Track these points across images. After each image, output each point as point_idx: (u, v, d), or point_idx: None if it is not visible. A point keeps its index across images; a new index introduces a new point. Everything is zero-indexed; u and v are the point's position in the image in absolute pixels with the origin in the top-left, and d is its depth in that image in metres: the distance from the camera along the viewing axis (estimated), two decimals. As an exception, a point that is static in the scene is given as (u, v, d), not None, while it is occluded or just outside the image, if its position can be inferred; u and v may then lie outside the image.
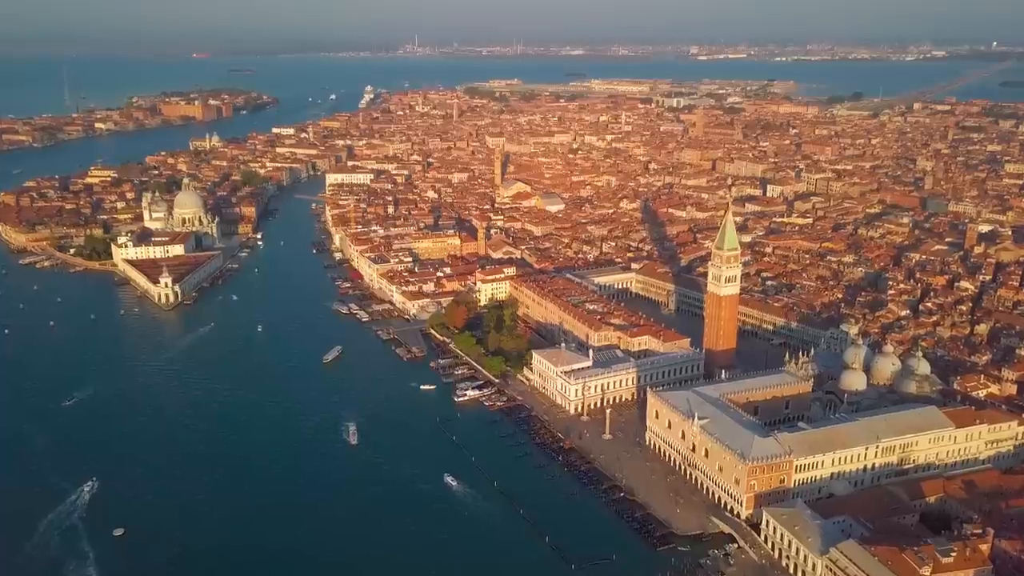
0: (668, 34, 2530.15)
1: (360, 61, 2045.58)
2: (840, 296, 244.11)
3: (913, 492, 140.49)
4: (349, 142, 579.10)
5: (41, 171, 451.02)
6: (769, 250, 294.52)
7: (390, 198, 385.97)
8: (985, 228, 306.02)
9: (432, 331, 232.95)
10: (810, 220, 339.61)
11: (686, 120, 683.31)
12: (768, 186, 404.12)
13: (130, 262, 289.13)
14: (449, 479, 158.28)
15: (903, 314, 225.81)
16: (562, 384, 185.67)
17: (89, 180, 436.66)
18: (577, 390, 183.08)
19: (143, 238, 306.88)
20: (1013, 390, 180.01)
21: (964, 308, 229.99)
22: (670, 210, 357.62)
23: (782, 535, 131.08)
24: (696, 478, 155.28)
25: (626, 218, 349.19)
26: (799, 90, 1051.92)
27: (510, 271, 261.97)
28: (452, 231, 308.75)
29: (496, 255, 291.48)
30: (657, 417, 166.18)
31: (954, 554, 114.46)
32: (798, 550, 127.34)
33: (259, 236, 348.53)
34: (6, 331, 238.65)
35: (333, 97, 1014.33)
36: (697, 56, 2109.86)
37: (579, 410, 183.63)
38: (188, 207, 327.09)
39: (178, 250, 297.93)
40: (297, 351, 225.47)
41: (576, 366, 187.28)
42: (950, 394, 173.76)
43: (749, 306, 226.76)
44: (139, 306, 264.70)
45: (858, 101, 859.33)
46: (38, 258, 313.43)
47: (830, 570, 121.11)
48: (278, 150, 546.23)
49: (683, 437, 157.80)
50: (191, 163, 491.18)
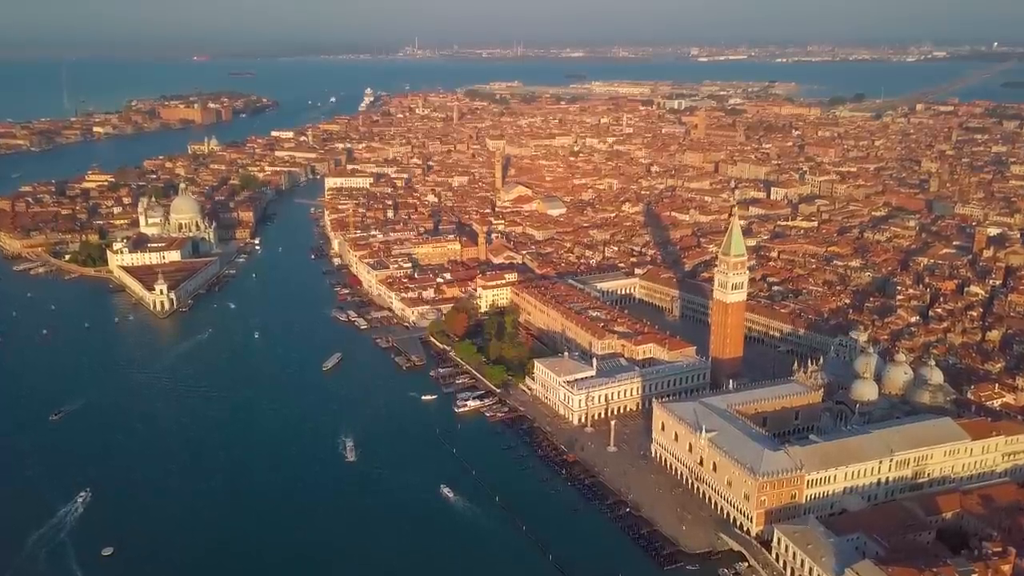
0: (668, 35, 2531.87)
1: (360, 63, 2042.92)
2: (848, 302, 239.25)
3: (929, 507, 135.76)
4: (348, 145, 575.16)
5: (40, 175, 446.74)
6: (774, 255, 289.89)
7: (390, 202, 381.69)
8: (993, 231, 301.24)
9: (432, 339, 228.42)
10: (815, 223, 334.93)
11: (688, 122, 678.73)
12: (772, 189, 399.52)
13: (125, 268, 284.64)
14: (449, 493, 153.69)
15: (913, 320, 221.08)
16: (565, 394, 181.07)
17: (86, 184, 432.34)
18: (581, 400, 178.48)
19: (139, 244, 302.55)
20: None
21: (975, 314, 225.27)
22: (673, 213, 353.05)
23: (794, 554, 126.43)
24: (704, 492, 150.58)
25: (628, 222, 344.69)
26: (801, 91, 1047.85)
27: (511, 277, 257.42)
28: (452, 236, 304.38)
29: (497, 260, 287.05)
30: (663, 429, 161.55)
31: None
32: (811, 570, 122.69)
33: (257, 241, 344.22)
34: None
35: (333, 100, 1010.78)
36: (697, 57, 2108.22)
37: (583, 421, 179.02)
38: (185, 212, 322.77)
39: (174, 256, 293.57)
40: (294, 359, 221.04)
41: (579, 375, 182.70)
42: (964, 404, 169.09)
43: (755, 312, 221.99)
44: (134, 313, 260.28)
45: (860, 102, 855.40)
46: (33, 264, 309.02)
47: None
48: (277, 154, 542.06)
49: (690, 450, 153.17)
50: (189, 167, 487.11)
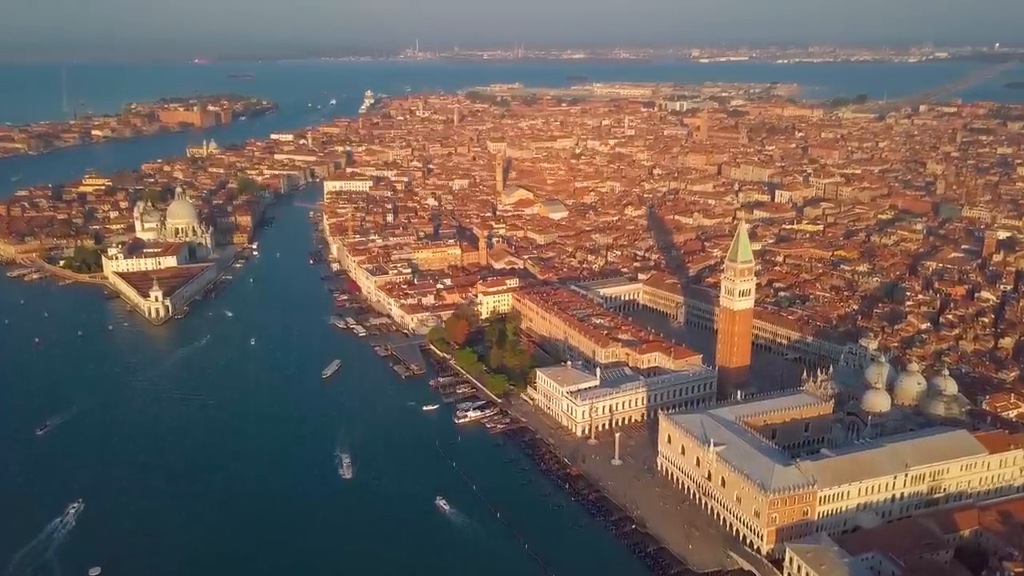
0: (669, 37, 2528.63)
1: (361, 65, 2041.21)
2: (856, 308, 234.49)
3: (946, 524, 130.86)
4: (348, 148, 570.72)
5: (38, 179, 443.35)
6: (780, 259, 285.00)
7: (389, 206, 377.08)
8: (1003, 235, 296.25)
9: (432, 347, 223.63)
10: (821, 227, 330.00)
11: (690, 124, 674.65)
12: (776, 192, 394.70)
13: (120, 274, 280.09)
14: (448, 509, 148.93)
15: (923, 327, 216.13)
16: (568, 405, 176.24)
17: (83, 188, 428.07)
18: (584, 412, 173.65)
19: (134, 249, 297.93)
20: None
21: (986, 320, 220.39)
22: (676, 217, 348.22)
23: (807, 574, 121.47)
24: (712, 508, 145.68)
25: (631, 225, 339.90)
26: (803, 92, 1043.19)
27: (512, 282, 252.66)
28: (452, 240, 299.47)
29: (498, 265, 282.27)
30: (670, 442, 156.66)
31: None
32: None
33: (255, 246, 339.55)
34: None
35: (333, 102, 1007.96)
36: (698, 59, 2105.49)
37: (586, 432, 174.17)
38: (181, 217, 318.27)
39: (170, 262, 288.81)
40: (292, 368, 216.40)
41: (583, 386, 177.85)
42: (979, 415, 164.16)
43: (762, 319, 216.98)
44: (129, 321, 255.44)
45: (863, 103, 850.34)
46: (26, 270, 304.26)
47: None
48: (276, 157, 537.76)
49: (698, 464, 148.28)
50: (187, 170, 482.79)
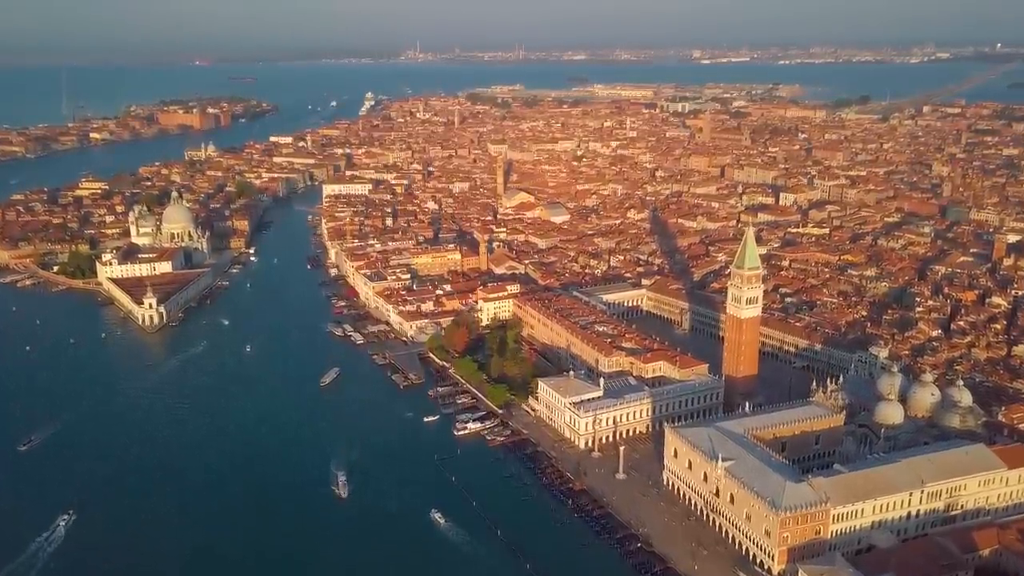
0: (670, 38, 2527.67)
1: (362, 67, 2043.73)
2: (865, 314, 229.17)
3: (964, 543, 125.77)
4: (348, 150, 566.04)
5: (36, 182, 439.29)
6: (786, 263, 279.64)
7: (389, 209, 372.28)
8: (1013, 238, 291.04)
9: (431, 355, 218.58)
10: (826, 230, 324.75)
11: (692, 125, 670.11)
12: (780, 194, 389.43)
13: (114, 280, 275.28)
14: (447, 526, 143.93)
15: (934, 334, 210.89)
16: (571, 416, 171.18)
17: (79, 192, 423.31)
18: (587, 423, 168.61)
19: (129, 255, 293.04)
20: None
21: (999, 327, 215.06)
22: (680, 220, 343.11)
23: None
24: (720, 525, 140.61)
25: (634, 229, 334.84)
26: (805, 93, 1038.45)
27: (513, 288, 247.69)
28: (452, 245, 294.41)
29: (499, 270, 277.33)
30: (676, 456, 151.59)
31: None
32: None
33: (252, 251, 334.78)
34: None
35: (334, 104, 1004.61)
36: (700, 60, 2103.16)
37: (589, 445, 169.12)
38: (177, 222, 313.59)
39: (165, 267, 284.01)
40: (287, 377, 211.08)
41: (586, 396, 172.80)
42: (995, 427, 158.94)
43: (769, 326, 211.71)
44: (122, 328, 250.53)
45: (866, 104, 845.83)
46: (20, 276, 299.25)
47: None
48: (275, 159, 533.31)
49: (705, 479, 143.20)
50: (185, 174, 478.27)
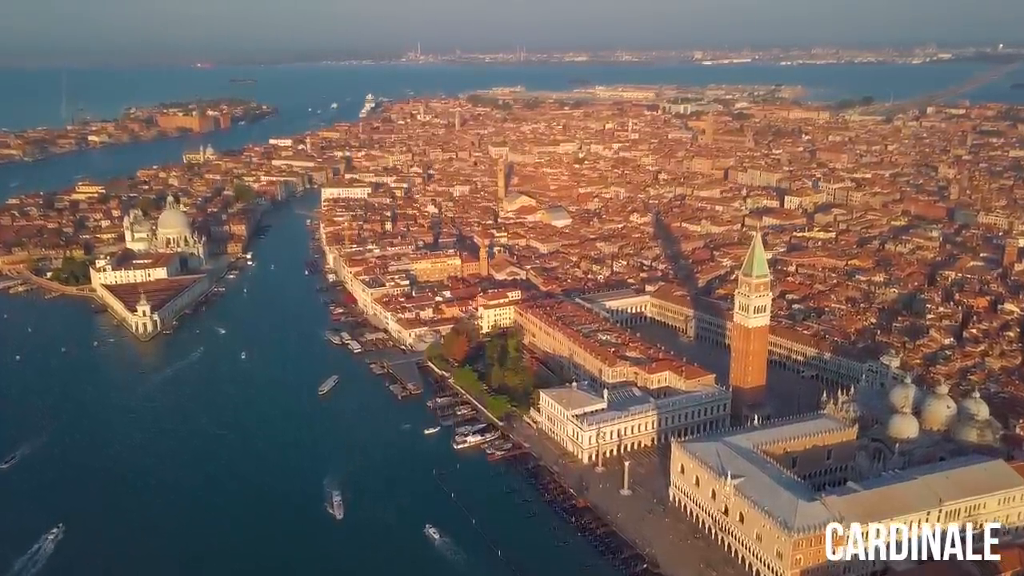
0: (671, 39, 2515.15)
1: (363, 69, 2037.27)
2: (874, 321, 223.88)
3: (987, 567, 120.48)
4: (348, 153, 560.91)
5: (34, 186, 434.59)
6: (792, 269, 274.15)
7: (388, 213, 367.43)
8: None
9: (430, 364, 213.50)
10: (833, 234, 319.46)
11: (694, 127, 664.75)
12: (785, 197, 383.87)
13: (108, 287, 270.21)
14: (445, 544, 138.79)
15: (946, 342, 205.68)
16: (574, 430, 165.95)
17: (75, 196, 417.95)
18: (591, 437, 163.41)
19: (123, 261, 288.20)
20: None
21: (1012, 335, 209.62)
22: (684, 224, 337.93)
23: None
24: (730, 545, 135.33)
25: (637, 233, 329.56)
26: (808, 95, 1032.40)
27: (514, 295, 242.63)
28: (452, 250, 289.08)
29: (499, 276, 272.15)
30: (683, 472, 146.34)
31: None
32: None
33: (249, 256, 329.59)
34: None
35: (335, 106, 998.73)
36: (701, 61, 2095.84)
37: (593, 459, 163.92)
38: (172, 227, 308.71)
39: (160, 273, 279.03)
40: (283, 387, 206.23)
41: (589, 408, 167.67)
42: (1013, 441, 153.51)
43: (776, 334, 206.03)
44: (115, 336, 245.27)
45: (869, 105, 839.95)
46: (12, 283, 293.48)
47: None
48: (274, 162, 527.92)
49: (714, 497, 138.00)
50: (183, 177, 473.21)
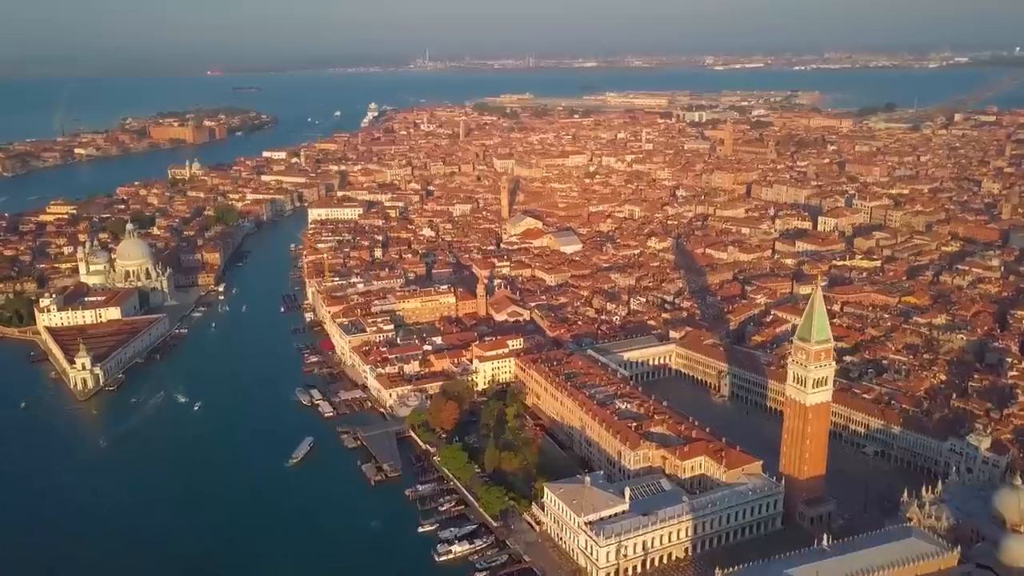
0: (682, 44, 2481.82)
1: (370, 76, 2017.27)
2: (944, 379, 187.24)
3: None
4: (343, 168, 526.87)
5: (6, 205, 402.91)
6: (837, 307, 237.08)
7: (380, 237, 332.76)
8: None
9: (412, 434, 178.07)
10: (878, 262, 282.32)
11: (712, 136, 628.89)
12: (819, 218, 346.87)
13: (51, 330, 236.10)
14: None
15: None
16: (587, 542, 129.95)
17: (44, 218, 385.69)
18: (609, 553, 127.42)
19: (73, 299, 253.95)
20: None
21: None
22: (708, 251, 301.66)
23: None
24: None
25: (656, 262, 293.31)
26: (826, 101, 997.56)
27: (516, 343, 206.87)
28: (446, 286, 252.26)
29: (499, 317, 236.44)
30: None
31: None
32: None
33: (221, 288, 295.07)
34: None
35: (338, 114, 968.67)
36: (713, 66, 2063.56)
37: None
38: (132, 258, 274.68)
39: (113, 313, 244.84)
40: (234, 463, 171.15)
41: (606, 513, 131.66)
42: None
43: (832, 399, 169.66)
44: (51, 393, 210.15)
45: (893, 112, 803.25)
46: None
47: None
48: (263, 178, 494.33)
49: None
50: (163, 195, 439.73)
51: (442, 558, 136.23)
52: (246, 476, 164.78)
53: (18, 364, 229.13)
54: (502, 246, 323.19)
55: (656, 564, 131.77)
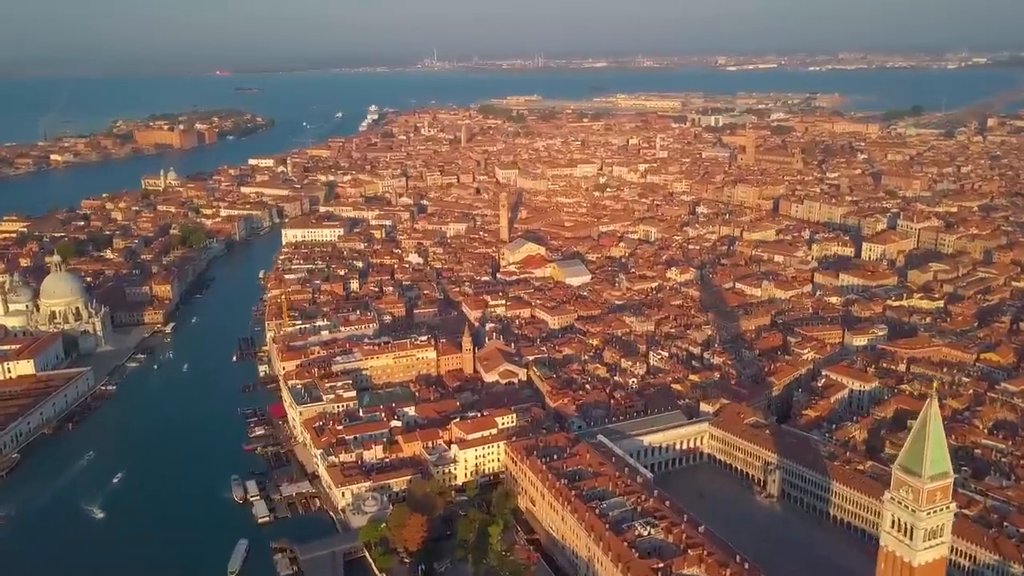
0: (693, 44, 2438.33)
1: (377, 77, 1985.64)
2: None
3: None
4: (333, 177, 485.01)
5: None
6: (900, 367, 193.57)
7: (360, 264, 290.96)
8: None
9: (367, 557, 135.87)
10: (939, 302, 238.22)
11: (730, 143, 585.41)
12: (863, 244, 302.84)
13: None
14: None
15: None
16: None
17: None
18: None
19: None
20: None
21: None
22: (739, 285, 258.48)
23: None
24: None
25: (678, 298, 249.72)
26: (847, 103, 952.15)
27: (506, 420, 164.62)
28: (426, 337, 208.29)
29: (490, 377, 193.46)
30: None
31: None
32: None
33: (169, 329, 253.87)
34: None
35: (339, 116, 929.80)
36: (725, 67, 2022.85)
37: None
38: (59, 296, 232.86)
39: (25, 368, 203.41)
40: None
41: None
42: None
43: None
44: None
45: (920, 116, 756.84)
46: None
47: None
48: (243, 189, 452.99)
49: None
50: (128, 210, 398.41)
51: None
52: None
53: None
54: (499, 276, 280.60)
55: None
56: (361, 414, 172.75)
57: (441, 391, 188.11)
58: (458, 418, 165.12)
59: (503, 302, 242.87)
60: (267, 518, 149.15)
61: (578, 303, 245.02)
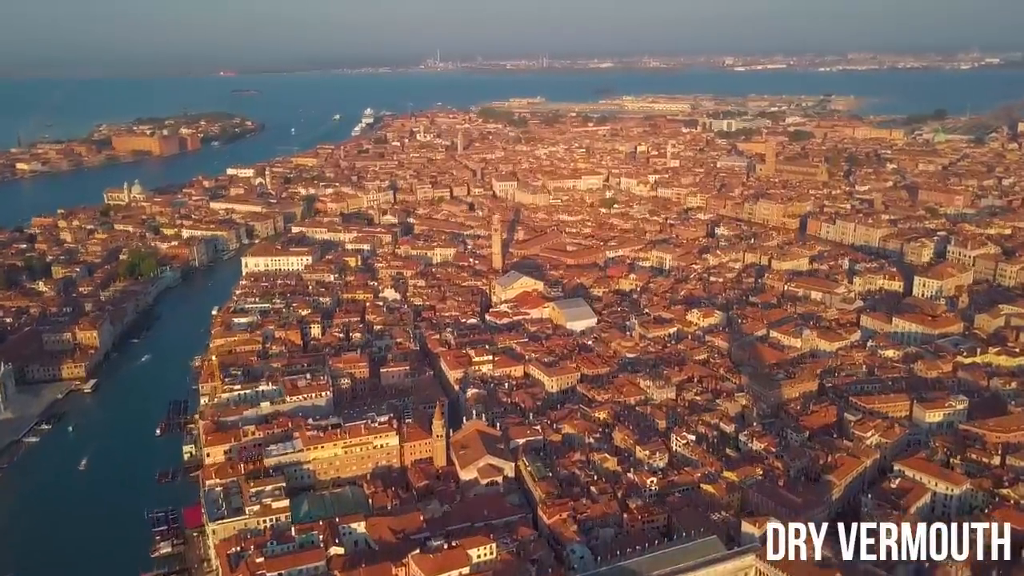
0: (699, 44, 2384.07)
1: (379, 77, 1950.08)
2: None
3: None
4: (314, 190, 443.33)
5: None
6: (996, 458, 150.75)
7: (327, 300, 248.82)
8: None
9: None
10: (1021, 358, 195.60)
11: (747, 151, 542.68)
12: (916, 279, 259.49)
13: None
14: None
15: None
16: None
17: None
18: None
19: None
20: None
21: None
22: (773, 334, 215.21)
23: None
24: None
25: (702, 351, 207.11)
26: (864, 106, 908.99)
27: (483, 554, 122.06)
28: (386, 418, 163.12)
29: (467, 475, 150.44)
30: None
31: None
32: None
33: (90, 387, 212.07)
34: None
35: (337, 118, 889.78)
36: (733, 67, 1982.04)
37: None
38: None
39: None
40: None
41: None
42: None
43: None
44: None
45: (944, 120, 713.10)
46: None
47: None
48: (213, 205, 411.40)
49: None
50: (80, 230, 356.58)
51: None
52: None
53: None
54: (488, 317, 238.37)
55: None
56: (294, 533, 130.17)
57: (403, 494, 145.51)
58: (418, 549, 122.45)
59: (490, 358, 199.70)
60: None
61: (581, 358, 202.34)
